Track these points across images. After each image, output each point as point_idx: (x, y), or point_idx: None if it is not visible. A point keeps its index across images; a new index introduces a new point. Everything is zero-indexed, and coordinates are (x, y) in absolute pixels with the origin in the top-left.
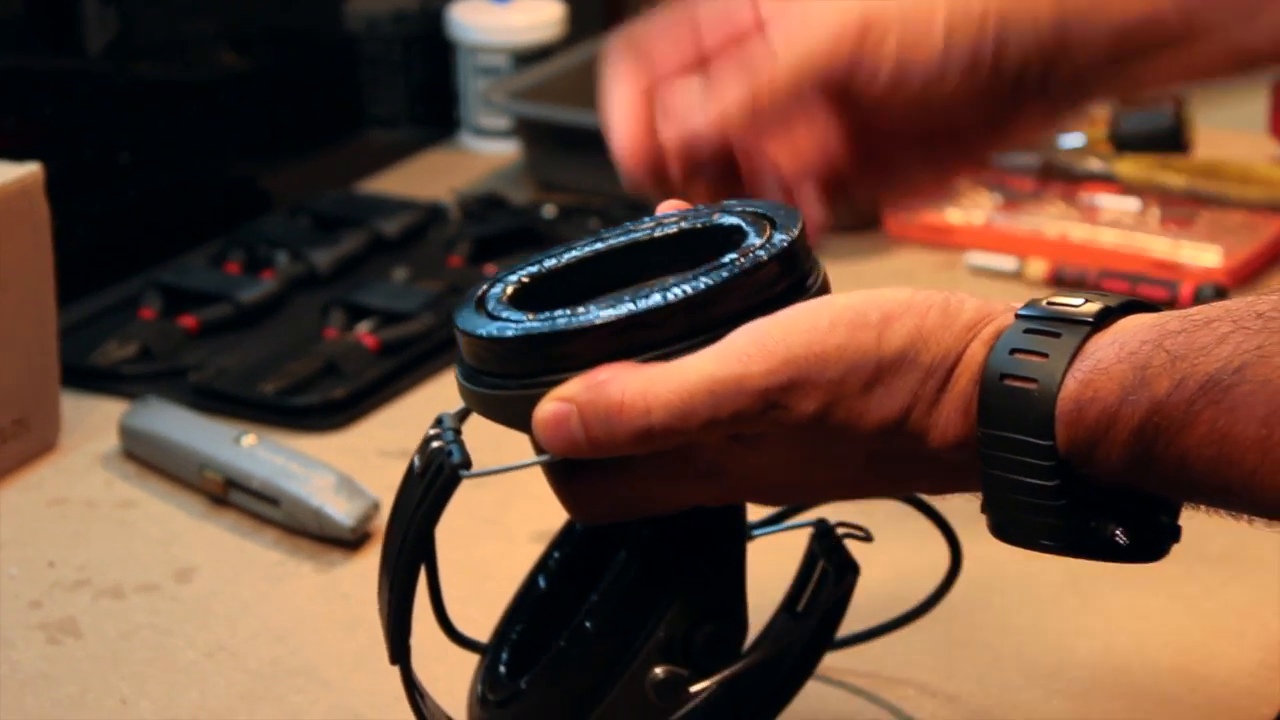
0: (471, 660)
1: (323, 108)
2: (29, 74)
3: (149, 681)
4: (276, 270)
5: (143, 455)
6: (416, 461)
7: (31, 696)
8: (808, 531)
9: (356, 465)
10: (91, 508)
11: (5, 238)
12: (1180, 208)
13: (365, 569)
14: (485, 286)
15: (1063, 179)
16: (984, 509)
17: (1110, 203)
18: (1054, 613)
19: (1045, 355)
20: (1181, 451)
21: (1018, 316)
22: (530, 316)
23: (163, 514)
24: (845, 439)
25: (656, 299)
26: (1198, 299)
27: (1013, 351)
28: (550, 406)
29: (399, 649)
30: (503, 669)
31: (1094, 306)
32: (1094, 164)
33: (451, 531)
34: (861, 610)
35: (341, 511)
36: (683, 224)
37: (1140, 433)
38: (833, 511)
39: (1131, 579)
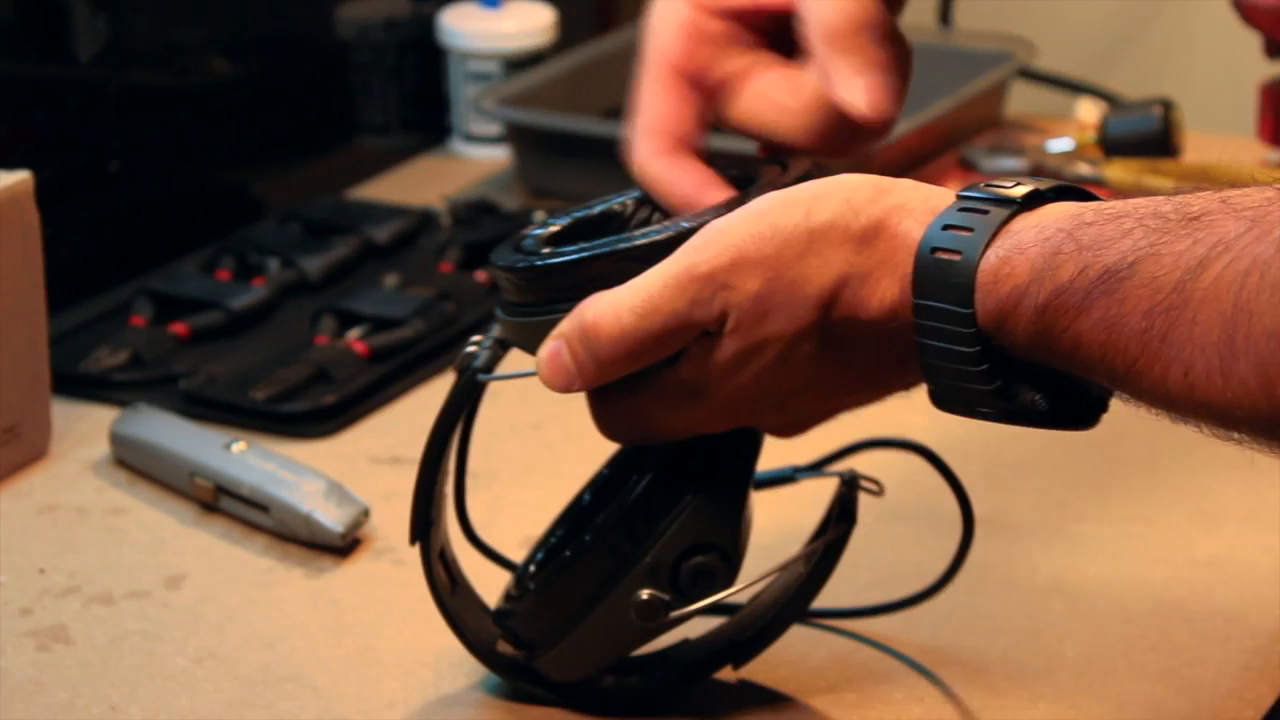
0: None
1: (314, 114)
2: (19, 81)
3: (139, 688)
4: (267, 277)
5: (133, 462)
6: (457, 362)
7: (21, 703)
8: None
9: (347, 471)
10: (82, 515)
11: None
12: None
13: (355, 575)
14: (528, 228)
15: None
16: (924, 377)
17: None
18: (1041, 616)
19: (971, 230)
20: (1076, 335)
21: (957, 196)
22: (547, 251)
23: (153, 521)
24: (790, 316)
25: (648, 236)
26: None
27: (945, 227)
28: (547, 346)
29: (420, 529)
30: (532, 567)
31: (1025, 189)
32: (1083, 168)
33: None
34: (855, 598)
35: (331, 518)
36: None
37: (1042, 313)
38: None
39: (1119, 582)
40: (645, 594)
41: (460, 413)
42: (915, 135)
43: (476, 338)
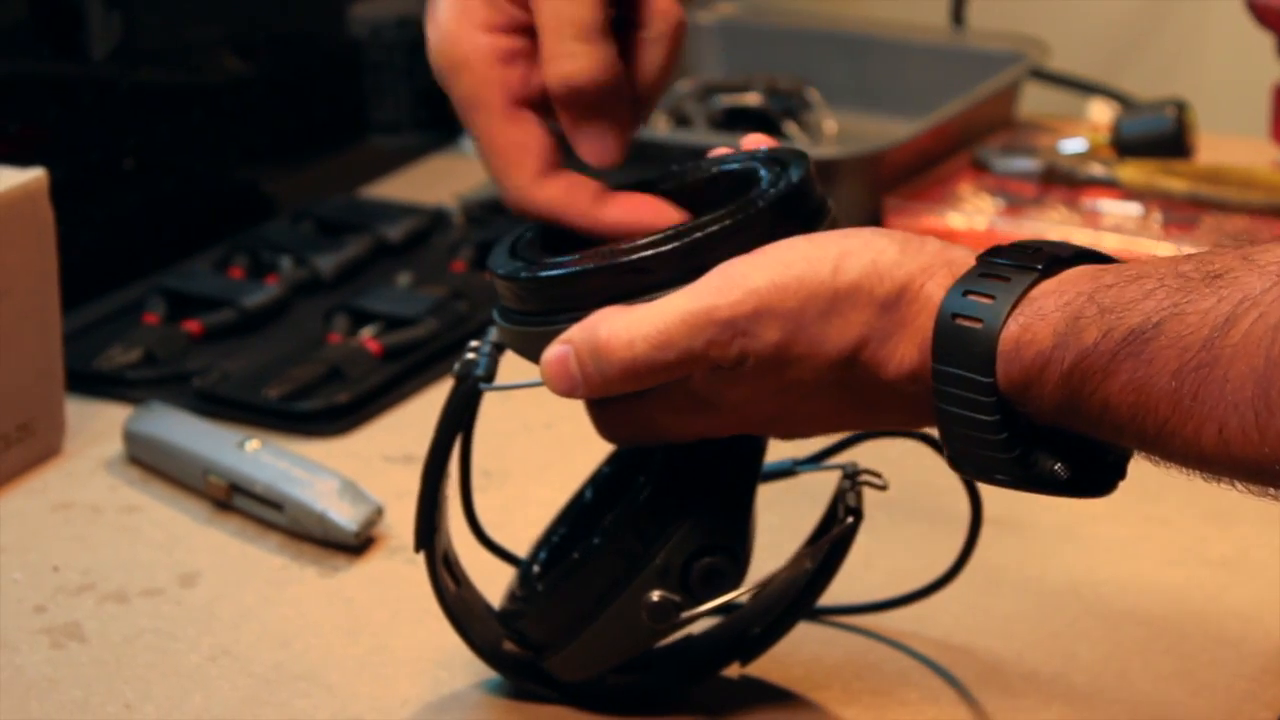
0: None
1: (326, 113)
2: (33, 80)
3: (153, 686)
4: (280, 275)
5: (147, 460)
6: (456, 368)
7: (36, 701)
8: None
9: (360, 470)
10: (96, 512)
11: (10, 243)
12: (1182, 212)
13: (369, 574)
14: (522, 230)
15: (1065, 184)
16: (941, 440)
17: (1112, 207)
18: (1055, 617)
19: (993, 297)
20: (1104, 398)
21: (977, 260)
22: (544, 260)
23: (167, 519)
24: (810, 368)
25: (651, 248)
26: None
27: (965, 293)
28: (553, 350)
29: (424, 537)
30: (536, 568)
31: (1045, 254)
32: (1096, 169)
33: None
34: (866, 594)
35: (345, 516)
36: (715, 169)
37: (1068, 378)
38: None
39: (1133, 584)
40: (656, 595)
41: (460, 420)
42: (928, 135)
43: (474, 343)
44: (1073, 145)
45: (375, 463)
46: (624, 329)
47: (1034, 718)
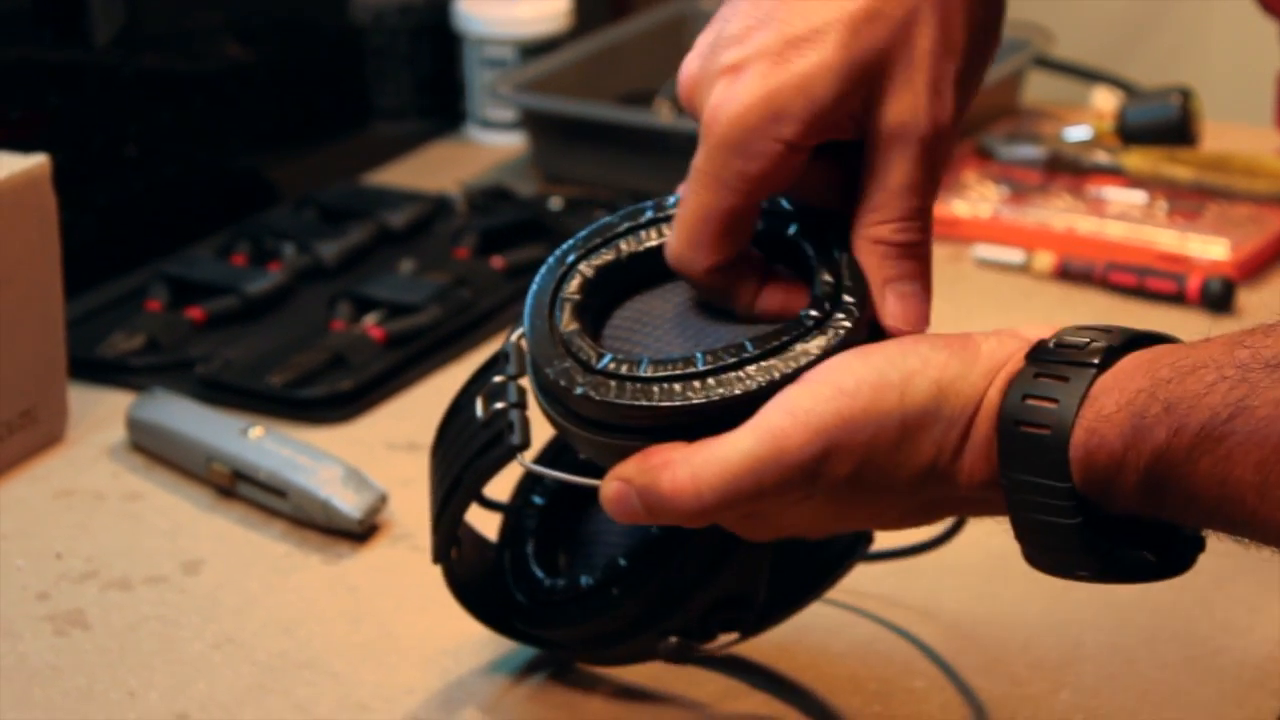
0: None
1: (329, 100)
2: (36, 66)
3: (157, 673)
4: (283, 262)
5: (150, 447)
6: (479, 409)
7: (39, 688)
8: None
9: (364, 457)
10: (99, 499)
11: (12, 229)
12: (1187, 200)
13: (373, 561)
14: (555, 282)
15: (1069, 172)
16: (1017, 539)
17: (1117, 195)
18: (1062, 606)
19: (1056, 401)
20: (1188, 491)
21: (1027, 359)
22: (599, 363)
23: (170, 506)
24: (881, 491)
25: (723, 389)
26: (1205, 292)
27: (1024, 397)
28: (612, 487)
29: (443, 553)
30: (549, 580)
31: (1099, 346)
32: (1101, 157)
33: None
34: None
35: (349, 504)
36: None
37: (1148, 476)
38: None
39: None
40: (674, 640)
41: (487, 482)
42: None
43: (499, 379)
44: (1077, 133)
45: (379, 450)
46: (689, 480)
47: (1041, 706)
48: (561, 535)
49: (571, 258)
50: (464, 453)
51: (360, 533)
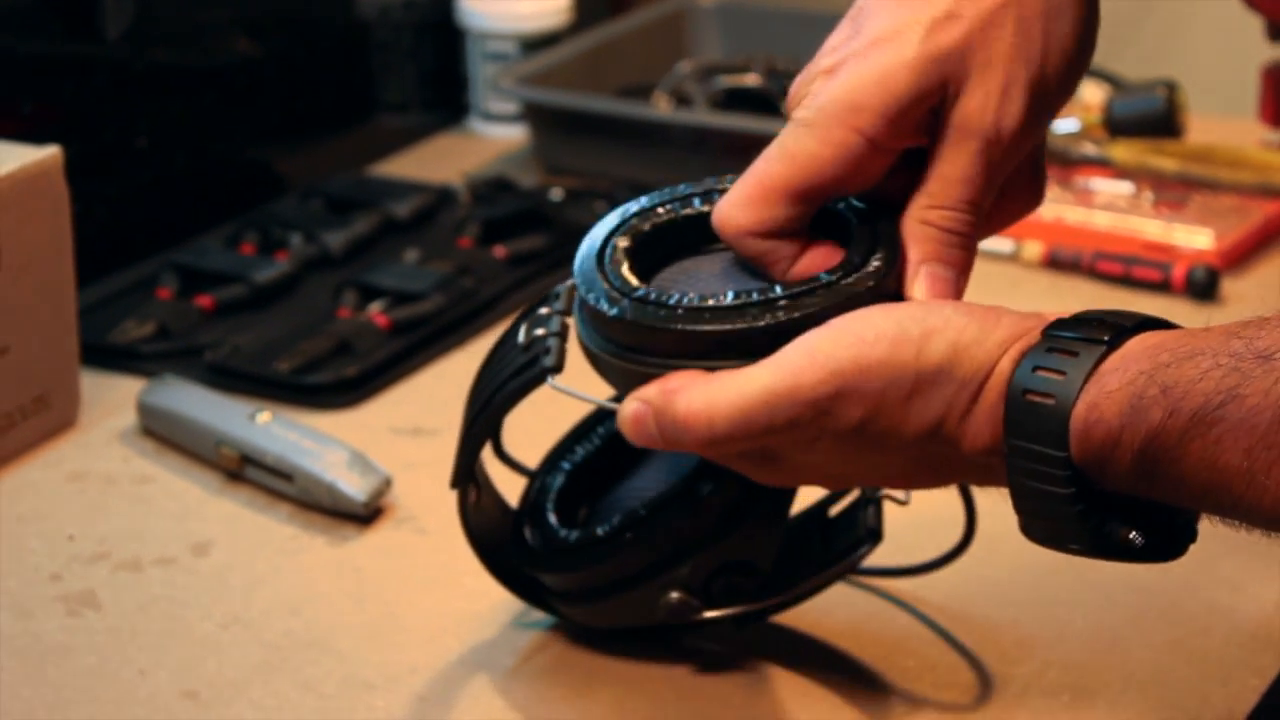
0: None
1: (335, 93)
2: (48, 59)
3: (167, 653)
4: (290, 251)
5: (160, 432)
6: (522, 334)
7: (52, 667)
8: None
9: (369, 442)
10: (110, 483)
11: (26, 219)
12: (1173, 191)
13: (378, 544)
14: (611, 230)
15: (1058, 163)
16: (1015, 510)
17: (1104, 186)
18: (1050, 585)
19: (1063, 374)
20: (1179, 474)
21: (1043, 334)
22: (637, 291)
23: (180, 489)
24: (888, 443)
25: (744, 323)
26: (1190, 280)
27: (1035, 369)
28: (631, 406)
29: (462, 477)
30: (553, 516)
31: (1111, 326)
32: (1088, 148)
33: None
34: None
35: (355, 487)
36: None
37: (1142, 456)
38: None
39: None
40: (675, 595)
41: (517, 402)
42: None
43: (544, 310)
44: (1065, 125)
45: (383, 435)
46: (704, 406)
47: (1031, 683)
48: (584, 500)
49: (634, 208)
50: (499, 375)
51: (365, 515)
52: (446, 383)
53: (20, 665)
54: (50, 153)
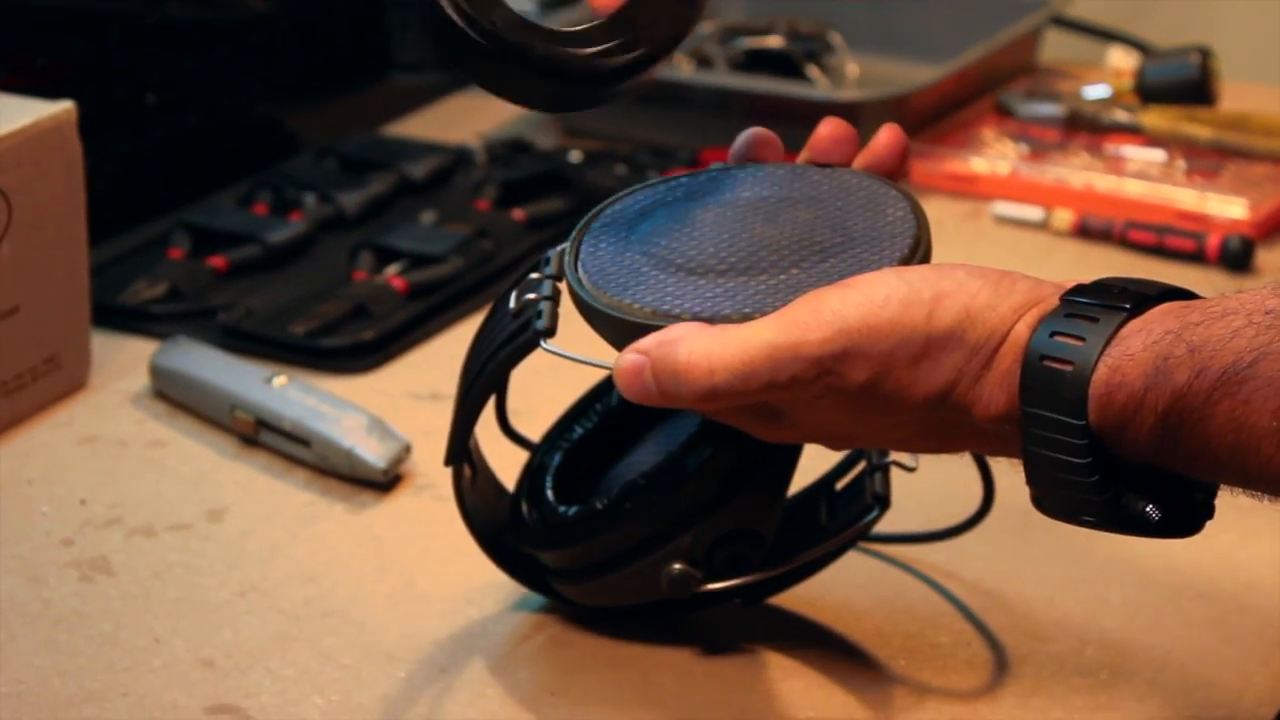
0: None
1: (350, 51)
2: (61, 13)
3: (182, 620)
4: (304, 212)
5: (173, 395)
6: (513, 300)
7: (65, 634)
8: None
9: (386, 407)
10: (122, 446)
11: (39, 175)
12: (1206, 159)
13: (397, 511)
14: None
15: (1088, 130)
16: (1028, 482)
17: (1136, 154)
18: (1086, 563)
19: (1082, 339)
20: (1203, 438)
21: (1062, 300)
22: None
23: (194, 453)
24: (894, 406)
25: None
26: (1224, 250)
27: (1053, 334)
28: (628, 358)
29: (456, 453)
30: (550, 492)
31: (1133, 292)
32: (1120, 115)
33: None
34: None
35: (374, 454)
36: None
37: (1165, 419)
38: None
39: None
40: (678, 567)
41: (511, 368)
42: (951, 80)
43: (535, 275)
44: (1096, 91)
45: (401, 400)
46: (704, 356)
47: (1065, 663)
48: (583, 479)
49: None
50: (491, 344)
51: (384, 482)
52: (465, 348)
53: (33, 632)
54: (64, 107)
